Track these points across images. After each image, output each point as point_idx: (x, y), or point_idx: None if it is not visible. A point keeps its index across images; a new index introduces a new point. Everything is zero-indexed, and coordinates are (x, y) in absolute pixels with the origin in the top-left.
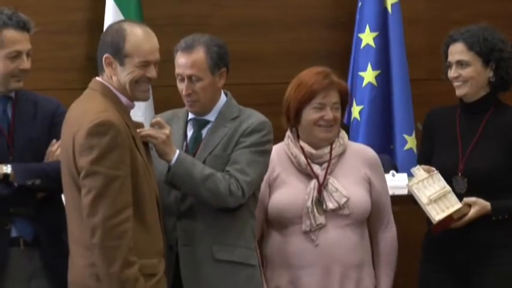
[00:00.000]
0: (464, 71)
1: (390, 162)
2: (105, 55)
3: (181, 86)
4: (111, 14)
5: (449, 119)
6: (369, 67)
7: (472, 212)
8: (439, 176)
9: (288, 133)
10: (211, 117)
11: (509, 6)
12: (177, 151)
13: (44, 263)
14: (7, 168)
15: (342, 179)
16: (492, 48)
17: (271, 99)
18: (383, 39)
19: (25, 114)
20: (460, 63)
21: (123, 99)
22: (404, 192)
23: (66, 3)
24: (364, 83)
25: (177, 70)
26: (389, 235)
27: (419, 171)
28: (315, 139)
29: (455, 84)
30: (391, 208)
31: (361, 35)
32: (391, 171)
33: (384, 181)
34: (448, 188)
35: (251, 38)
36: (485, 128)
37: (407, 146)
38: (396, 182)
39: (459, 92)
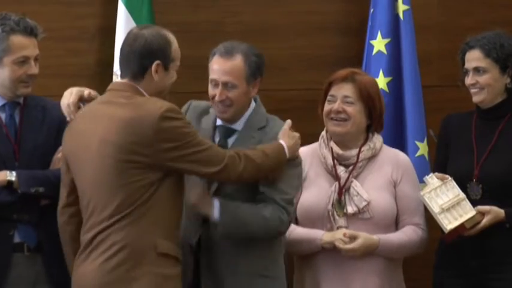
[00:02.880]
0: (482, 77)
1: None
2: (156, 62)
3: (214, 92)
4: (123, 21)
5: (466, 125)
6: (381, 74)
7: (485, 220)
8: (453, 183)
9: (323, 133)
10: (238, 126)
11: None
12: (215, 202)
13: (46, 269)
14: (11, 175)
15: (367, 183)
16: (509, 54)
17: (284, 105)
18: (395, 45)
19: (33, 119)
20: (477, 70)
21: None
22: None
23: (77, 10)
24: None
25: (212, 75)
26: (416, 230)
27: (432, 179)
28: (330, 134)
29: (473, 90)
30: (423, 213)
31: (372, 42)
32: None
33: (414, 186)
34: (462, 195)
35: (263, 44)
36: (501, 134)
37: (419, 153)
38: None
39: (476, 99)
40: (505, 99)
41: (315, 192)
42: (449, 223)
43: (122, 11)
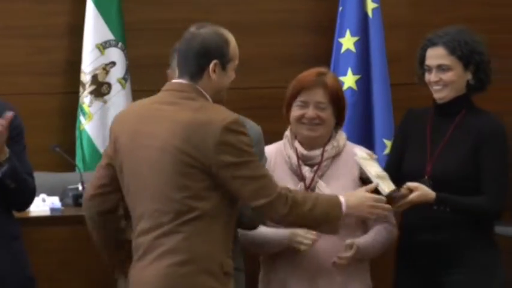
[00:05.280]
0: (446, 75)
1: None
2: (214, 61)
3: None
4: (92, 18)
5: (422, 121)
6: (349, 72)
7: (413, 195)
8: (376, 159)
9: (286, 132)
10: None
11: (489, 10)
12: None
13: None
14: (6, 154)
15: (333, 182)
16: (472, 51)
17: (254, 103)
18: (363, 44)
19: None
20: (441, 67)
21: None
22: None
23: (46, 7)
24: (345, 88)
25: None
26: (387, 227)
27: (361, 151)
28: (300, 137)
29: (435, 88)
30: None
31: (341, 40)
32: None
33: None
34: (383, 173)
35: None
36: (454, 130)
37: (387, 151)
38: None
39: (438, 95)
40: (461, 94)
41: None
42: (386, 188)
43: (90, 8)
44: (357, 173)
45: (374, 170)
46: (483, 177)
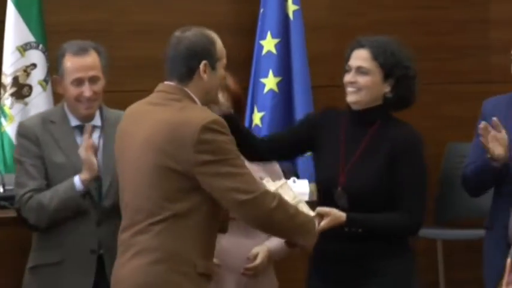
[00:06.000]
0: (363, 78)
1: (291, 169)
2: (204, 62)
3: (81, 89)
4: (12, 20)
5: (337, 124)
6: (271, 74)
7: (323, 223)
8: (288, 186)
9: None
10: (97, 122)
11: (411, 13)
12: None
13: None
14: None
15: None
16: (395, 64)
17: None
18: (284, 45)
19: None
20: (360, 70)
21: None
22: (306, 198)
23: None
24: (266, 90)
25: (77, 74)
26: None
27: (267, 183)
28: None
29: (350, 89)
30: None
31: (262, 42)
32: (292, 178)
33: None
34: (297, 198)
35: (152, 44)
36: (369, 142)
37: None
38: (297, 189)
39: (351, 98)
40: (378, 105)
41: None
42: None
43: (11, 10)
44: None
45: (287, 197)
46: (401, 192)
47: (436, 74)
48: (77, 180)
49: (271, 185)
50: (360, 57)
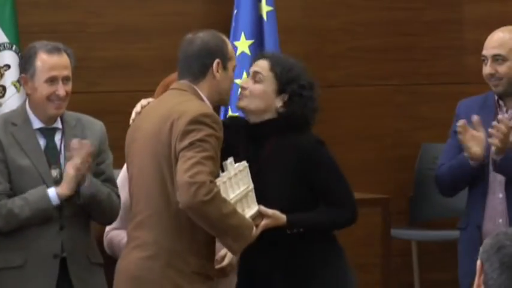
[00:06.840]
0: (255, 86)
1: None
2: (217, 60)
3: (55, 88)
4: None
5: (240, 135)
6: (245, 75)
7: (263, 223)
8: (247, 170)
9: None
10: (58, 124)
11: (385, 15)
12: None
13: None
14: None
15: None
16: (292, 80)
17: None
18: (258, 46)
19: None
20: (254, 77)
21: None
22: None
23: None
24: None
25: (52, 72)
26: None
27: (231, 166)
28: None
29: (242, 92)
30: None
31: (236, 43)
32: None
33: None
34: (251, 186)
35: (126, 45)
36: (268, 157)
37: None
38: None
39: (239, 103)
40: (272, 118)
41: None
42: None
43: None
44: None
45: (230, 196)
46: (327, 192)
47: (410, 75)
48: (52, 193)
49: (231, 168)
50: (258, 65)
